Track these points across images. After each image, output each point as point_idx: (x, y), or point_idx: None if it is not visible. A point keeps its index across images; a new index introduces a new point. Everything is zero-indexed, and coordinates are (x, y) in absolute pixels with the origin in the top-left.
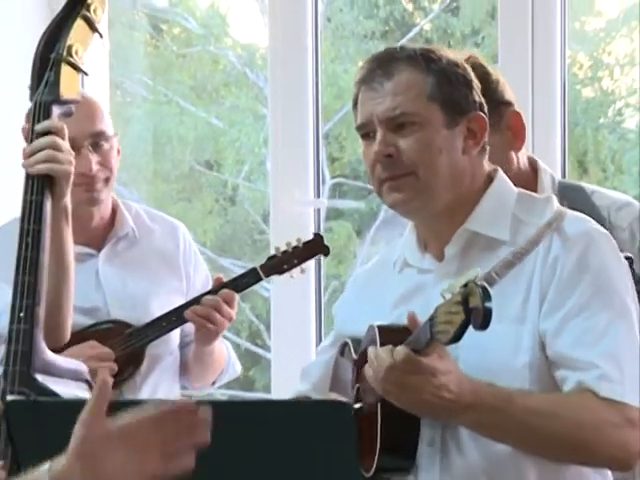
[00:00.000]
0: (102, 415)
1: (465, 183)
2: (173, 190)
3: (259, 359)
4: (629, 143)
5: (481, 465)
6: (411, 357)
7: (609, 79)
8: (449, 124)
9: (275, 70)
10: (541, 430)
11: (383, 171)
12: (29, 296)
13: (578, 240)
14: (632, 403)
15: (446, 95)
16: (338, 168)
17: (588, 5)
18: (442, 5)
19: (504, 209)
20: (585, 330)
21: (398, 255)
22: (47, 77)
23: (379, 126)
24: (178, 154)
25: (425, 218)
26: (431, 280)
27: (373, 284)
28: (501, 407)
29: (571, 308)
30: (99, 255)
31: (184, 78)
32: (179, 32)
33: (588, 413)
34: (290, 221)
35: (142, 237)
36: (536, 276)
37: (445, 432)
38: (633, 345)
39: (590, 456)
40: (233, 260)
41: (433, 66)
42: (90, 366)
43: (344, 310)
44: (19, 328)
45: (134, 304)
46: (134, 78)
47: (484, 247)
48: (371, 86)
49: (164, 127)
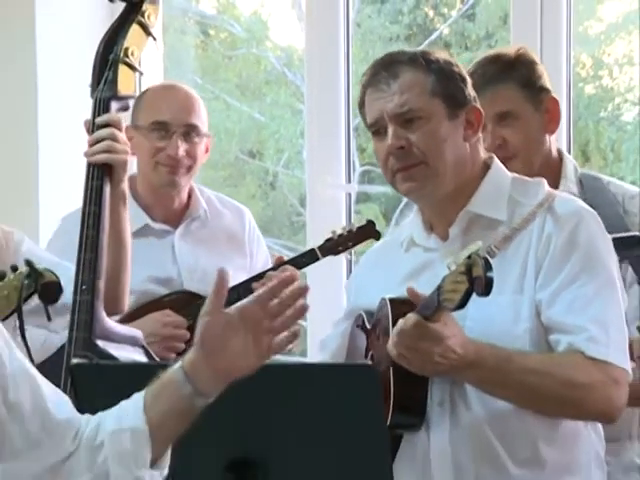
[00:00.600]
0: (221, 304)
1: (467, 168)
2: (221, 177)
3: None
4: (627, 134)
5: (487, 420)
6: (420, 323)
7: (609, 77)
8: (450, 116)
9: (311, 70)
10: (536, 387)
11: (396, 162)
12: (90, 271)
13: (568, 218)
14: (616, 363)
15: (446, 90)
16: (367, 157)
17: (590, 11)
18: (459, 12)
19: (501, 192)
20: (575, 299)
21: (405, 236)
22: (106, 76)
23: (389, 122)
24: (225, 145)
25: (433, 202)
26: (436, 258)
27: (383, 262)
28: (501, 365)
29: (563, 279)
30: (175, 232)
31: (230, 77)
32: (225, 36)
33: (577, 372)
34: (324, 204)
35: (213, 219)
36: (532, 252)
37: (453, 392)
38: (618, 312)
39: (579, 411)
40: (273, 239)
41: (432, 65)
42: (165, 333)
43: (357, 285)
44: (82, 299)
45: (204, 277)
46: (185, 78)
47: (485, 227)
48: (378, 87)
49: (212, 121)
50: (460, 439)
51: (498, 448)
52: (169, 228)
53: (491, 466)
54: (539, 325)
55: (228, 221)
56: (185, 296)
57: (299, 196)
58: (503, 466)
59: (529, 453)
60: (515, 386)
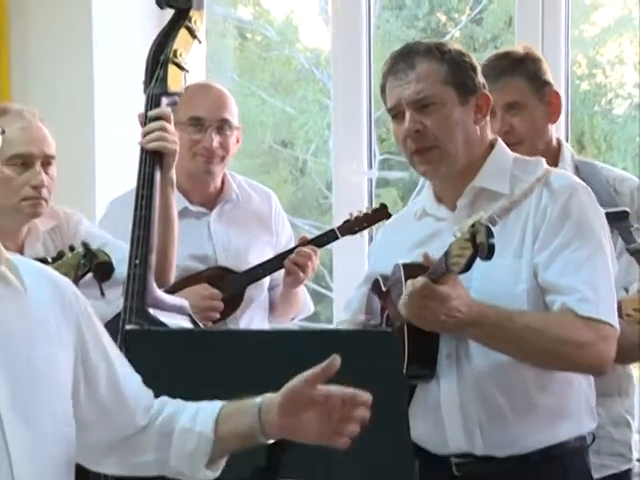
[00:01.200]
0: (319, 381)
1: (476, 148)
2: (256, 164)
3: (323, 297)
4: (618, 126)
5: (488, 372)
6: (428, 284)
7: (602, 75)
8: (462, 102)
9: (336, 69)
10: (533, 342)
11: (412, 144)
12: (143, 246)
13: (563, 191)
14: (605, 320)
15: (458, 79)
16: (386, 146)
17: (586, 16)
18: (468, 17)
19: (504, 169)
20: (569, 262)
21: (418, 207)
22: (157, 74)
23: (407, 107)
24: (260, 136)
25: (444, 179)
26: (445, 226)
27: (398, 232)
28: (501, 323)
29: (557, 245)
30: (211, 214)
31: (264, 76)
32: (261, 39)
33: (570, 329)
34: (348, 188)
35: (243, 201)
36: (530, 221)
37: (459, 347)
38: (607, 275)
39: (571, 364)
40: (302, 220)
41: (446, 56)
42: (203, 304)
43: (375, 253)
44: (135, 272)
45: (237, 254)
46: (225, 76)
47: (488, 199)
48: (397, 76)
49: (249, 114)
50: (465, 388)
51: (498, 396)
52: (205, 210)
53: (492, 412)
54: (536, 286)
55: (257, 203)
56: (220, 271)
57: (326, 181)
58: (502, 412)
59: (525, 400)
60: (514, 342)
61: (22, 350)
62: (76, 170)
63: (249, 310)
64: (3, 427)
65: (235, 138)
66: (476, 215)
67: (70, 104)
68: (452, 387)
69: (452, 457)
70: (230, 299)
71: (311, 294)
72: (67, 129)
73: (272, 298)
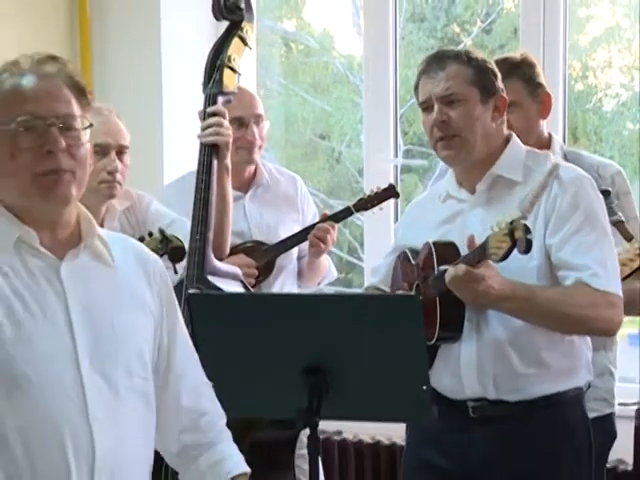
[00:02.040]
0: None
1: (492, 142)
2: (298, 154)
3: (355, 266)
4: (606, 121)
5: (504, 335)
6: (469, 270)
7: (593, 77)
8: (483, 101)
9: (367, 73)
10: (554, 312)
11: (438, 132)
12: (202, 224)
13: (571, 183)
14: (613, 291)
15: (481, 81)
16: (408, 139)
17: (580, 27)
18: (479, 28)
19: (518, 160)
20: (580, 244)
21: (442, 191)
22: (214, 76)
23: (436, 102)
24: (301, 130)
25: (465, 166)
26: (466, 207)
27: (424, 211)
28: (528, 297)
29: (568, 229)
30: (245, 196)
31: (305, 78)
32: (302, 48)
33: (585, 299)
34: (377, 174)
35: (273, 185)
36: (542, 208)
37: (479, 313)
38: (612, 254)
39: (587, 329)
40: (338, 201)
41: (472, 62)
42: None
43: (403, 228)
44: (196, 246)
45: (268, 230)
46: (272, 79)
47: (504, 186)
48: (429, 75)
49: (292, 111)
50: (483, 348)
51: (511, 355)
52: (240, 194)
53: (505, 368)
54: (547, 263)
55: (284, 186)
56: (254, 244)
57: (358, 168)
58: (514, 368)
59: (535, 358)
60: (539, 312)
61: (107, 316)
62: (147, 158)
63: (280, 277)
64: (83, 382)
65: (266, 129)
66: (513, 212)
67: (142, 101)
68: (471, 347)
69: (468, 401)
70: (263, 267)
71: (345, 264)
72: (139, 122)
73: (300, 266)
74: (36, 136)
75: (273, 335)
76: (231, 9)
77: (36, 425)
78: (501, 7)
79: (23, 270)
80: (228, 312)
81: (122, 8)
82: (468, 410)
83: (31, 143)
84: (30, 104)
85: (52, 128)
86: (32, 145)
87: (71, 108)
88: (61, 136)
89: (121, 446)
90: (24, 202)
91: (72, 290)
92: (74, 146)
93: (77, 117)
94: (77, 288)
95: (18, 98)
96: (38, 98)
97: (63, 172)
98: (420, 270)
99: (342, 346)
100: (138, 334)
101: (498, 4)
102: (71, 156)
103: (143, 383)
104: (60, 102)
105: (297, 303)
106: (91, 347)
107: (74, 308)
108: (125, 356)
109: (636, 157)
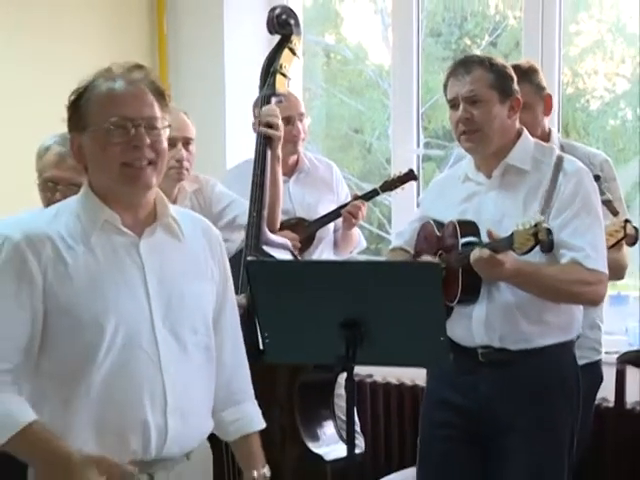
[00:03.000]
0: None
1: (507, 136)
2: (336, 145)
3: (383, 239)
4: (593, 119)
5: (513, 300)
6: (492, 256)
7: (582, 82)
8: (501, 102)
9: (394, 78)
10: (553, 287)
11: (462, 126)
12: (258, 202)
13: (573, 175)
14: (601, 270)
15: (500, 85)
16: (428, 133)
17: (570, 40)
18: (487, 41)
19: (528, 152)
20: (577, 227)
21: (461, 173)
22: (268, 81)
23: (461, 101)
24: (339, 125)
25: (483, 155)
26: (482, 189)
27: (445, 188)
28: (534, 274)
29: (568, 214)
30: (290, 180)
31: (343, 83)
32: (340, 58)
33: (579, 276)
34: (402, 162)
35: (313, 170)
36: (540, 191)
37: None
38: (603, 238)
39: (579, 300)
40: (369, 184)
41: (493, 67)
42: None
43: (428, 201)
44: (253, 221)
45: (309, 208)
46: (315, 84)
47: (515, 174)
48: (457, 77)
49: (332, 111)
50: (492, 309)
51: (517, 316)
52: (286, 178)
53: (511, 327)
54: None
55: (322, 172)
56: (297, 220)
57: (386, 157)
58: (520, 327)
59: (538, 318)
60: (541, 286)
61: (178, 285)
62: (212, 149)
63: (320, 247)
64: (158, 343)
65: (307, 125)
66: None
67: (208, 102)
68: (482, 307)
69: (478, 348)
70: (305, 240)
71: (375, 237)
72: (206, 120)
73: (335, 238)
74: (125, 133)
75: (316, 295)
76: (282, 25)
77: (119, 376)
78: (506, 24)
79: (108, 246)
80: (280, 276)
81: (192, 27)
82: (478, 355)
83: (121, 139)
84: (121, 107)
85: (139, 128)
86: (121, 140)
87: (154, 111)
88: (145, 134)
89: (187, 391)
90: (112, 188)
91: (149, 263)
92: (156, 142)
93: (159, 118)
94: (153, 261)
95: (111, 101)
96: (127, 101)
97: (147, 163)
98: (443, 242)
99: (374, 304)
100: (202, 298)
101: (503, 21)
102: (153, 150)
103: (206, 339)
104: (145, 105)
105: (336, 268)
106: (164, 311)
107: (150, 279)
108: (191, 318)
109: (617, 148)
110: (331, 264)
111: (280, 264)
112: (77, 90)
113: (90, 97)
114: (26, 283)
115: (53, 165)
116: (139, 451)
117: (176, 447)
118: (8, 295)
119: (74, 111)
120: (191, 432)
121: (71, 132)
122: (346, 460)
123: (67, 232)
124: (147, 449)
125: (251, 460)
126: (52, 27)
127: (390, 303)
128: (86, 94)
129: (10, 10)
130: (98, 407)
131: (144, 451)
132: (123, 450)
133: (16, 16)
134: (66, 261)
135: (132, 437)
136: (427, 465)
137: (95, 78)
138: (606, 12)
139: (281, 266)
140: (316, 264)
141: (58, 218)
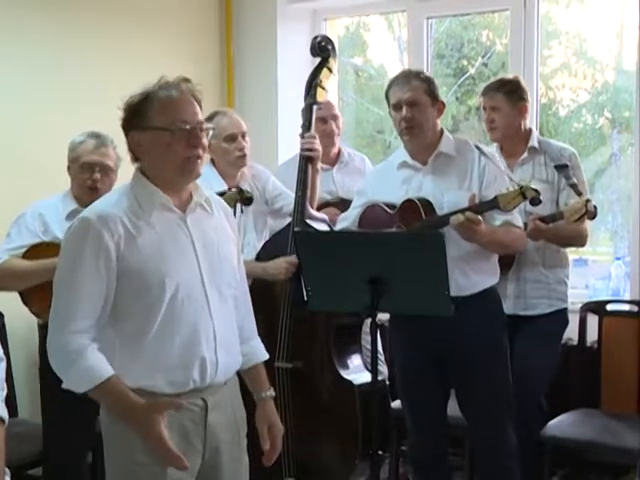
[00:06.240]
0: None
1: (435, 132)
2: (364, 142)
3: None
4: (561, 122)
5: (460, 253)
6: (474, 217)
7: (552, 94)
8: (432, 105)
9: None
10: (502, 242)
11: (405, 123)
12: (301, 192)
13: (492, 156)
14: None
15: (431, 92)
16: None
17: (544, 62)
18: (480, 62)
19: (451, 142)
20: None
21: (396, 161)
22: (311, 92)
23: (404, 104)
24: (366, 127)
25: (419, 146)
26: (420, 173)
27: (384, 175)
28: (494, 234)
29: (495, 187)
30: (333, 170)
31: (368, 94)
32: (366, 75)
33: (515, 234)
34: None
35: (350, 162)
36: (474, 171)
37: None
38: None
39: (514, 249)
40: None
41: (425, 79)
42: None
43: (369, 188)
44: (298, 201)
45: (349, 190)
46: (347, 95)
47: (444, 158)
48: (399, 86)
49: (360, 116)
50: (452, 259)
51: (464, 266)
52: (329, 167)
53: (460, 273)
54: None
55: (357, 162)
56: (339, 200)
57: None
58: (467, 274)
59: (478, 267)
60: (496, 242)
61: (215, 248)
62: (267, 145)
63: None
64: (207, 296)
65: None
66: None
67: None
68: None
69: None
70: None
71: None
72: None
73: None
74: (186, 133)
75: (347, 258)
76: (322, 49)
77: (180, 324)
78: (494, 49)
79: (165, 222)
80: (320, 243)
81: (253, 53)
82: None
83: (183, 137)
84: (180, 112)
85: (196, 130)
86: (183, 138)
87: (201, 115)
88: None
89: (227, 331)
90: (169, 177)
91: (195, 233)
92: (203, 141)
93: (203, 122)
94: (197, 231)
95: (171, 106)
96: (184, 108)
97: (200, 158)
98: (400, 217)
99: (393, 265)
100: (232, 257)
101: (492, 47)
102: (202, 147)
103: (235, 291)
104: (196, 111)
105: (363, 238)
106: (209, 270)
107: (197, 245)
108: (227, 274)
109: (580, 145)
110: (359, 234)
111: (320, 234)
112: (136, 96)
113: (151, 103)
114: (103, 254)
115: (91, 152)
116: (198, 381)
117: (222, 376)
118: (88, 264)
119: (134, 114)
120: (231, 363)
121: (130, 130)
122: (370, 385)
123: (131, 212)
124: (204, 379)
125: (260, 384)
126: (146, 59)
127: (406, 265)
128: (146, 100)
129: (90, 37)
130: (165, 350)
131: (202, 380)
132: (187, 381)
133: (95, 46)
134: (133, 235)
135: (194, 370)
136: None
137: (153, 87)
138: (571, 40)
139: (320, 235)
140: (347, 234)
141: (120, 201)
